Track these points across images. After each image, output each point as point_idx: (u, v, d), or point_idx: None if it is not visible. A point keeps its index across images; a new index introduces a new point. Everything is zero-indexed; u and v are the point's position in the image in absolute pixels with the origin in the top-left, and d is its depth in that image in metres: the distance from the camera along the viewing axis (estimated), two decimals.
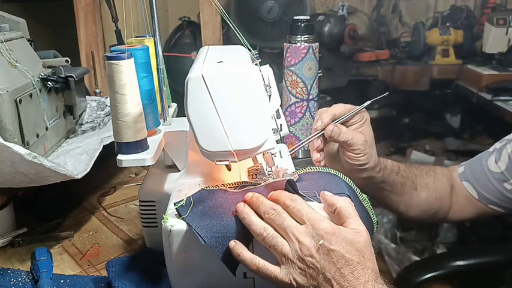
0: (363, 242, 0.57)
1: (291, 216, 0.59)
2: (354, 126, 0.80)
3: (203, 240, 0.60)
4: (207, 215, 0.63)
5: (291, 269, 0.57)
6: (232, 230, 0.61)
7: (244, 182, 0.70)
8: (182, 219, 0.63)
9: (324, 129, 0.77)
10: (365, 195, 0.71)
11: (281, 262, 0.58)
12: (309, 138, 0.79)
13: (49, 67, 1.01)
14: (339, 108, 0.80)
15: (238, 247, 0.60)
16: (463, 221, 1.03)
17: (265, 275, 0.59)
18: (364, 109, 0.81)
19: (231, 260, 0.60)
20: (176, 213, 0.65)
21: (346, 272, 0.55)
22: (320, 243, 0.56)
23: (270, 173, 0.70)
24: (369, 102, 0.81)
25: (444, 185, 0.95)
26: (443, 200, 0.94)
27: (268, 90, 0.69)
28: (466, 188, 0.93)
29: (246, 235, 0.61)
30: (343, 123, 0.78)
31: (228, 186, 0.69)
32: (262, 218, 0.61)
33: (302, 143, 0.80)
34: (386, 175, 0.85)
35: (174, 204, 0.65)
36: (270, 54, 2.18)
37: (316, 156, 0.78)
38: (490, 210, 0.92)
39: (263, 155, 0.67)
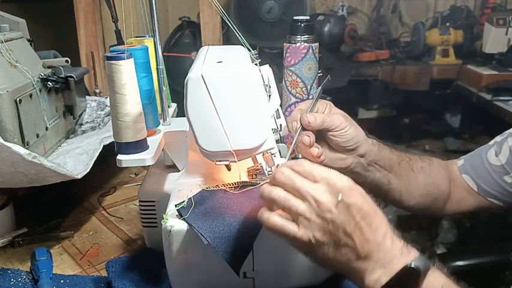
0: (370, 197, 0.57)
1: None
2: (325, 113, 0.77)
3: (206, 240, 0.60)
4: (209, 216, 0.63)
5: (309, 227, 0.55)
6: (234, 229, 0.61)
7: (244, 182, 0.70)
8: (183, 219, 0.63)
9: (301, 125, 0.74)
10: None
11: (299, 222, 0.56)
12: (295, 142, 0.75)
13: (49, 67, 1.01)
14: (302, 105, 0.78)
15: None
16: (462, 213, 1.02)
17: (284, 234, 0.56)
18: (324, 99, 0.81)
19: (234, 260, 0.60)
20: (177, 213, 0.65)
21: (365, 225, 0.54)
22: (339, 198, 0.54)
23: (270, 173, 0.70)
24: (324, 82, 0.81)
25: (440, 172, 0.94)
26: (440, 187, 0.93)
27: (268, 90, 0.69)
28: (466, 180, 0.93)
29: (250, 234, 0.61)
30: None
31: (228, 186, 0.69)
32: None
33: (292, 148, 0.75)
34: (382, 149, 0.83)
35: (175, 206, 0.65)
36: (270, 54, 2.18)
37: (314, 151, 0.73)
38: (489, 203, 0.92)
39: (263, 155, 0.67)
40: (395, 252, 0.54)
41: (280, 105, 0.83)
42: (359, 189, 0.56)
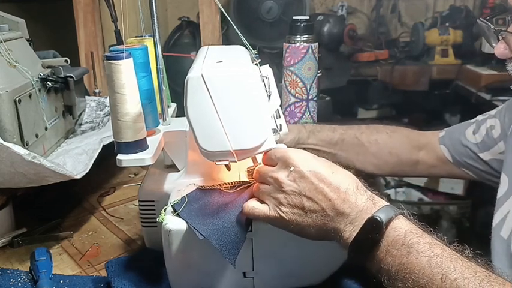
0: (324, 159, 0.61)
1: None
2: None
3: (201, 235, 0.60)
4: (203, 212, 0.64)
5: (276, 204, 0.59)
6: (228, 222, 0.62)
7: (242, 181, 0.70)
8: (177, 214, 0.63)
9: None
10: None
11: (268, 202, 0.61)
12: None
13: (48, 67, 1.01)
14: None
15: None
16: (433, 176, 1.24)
17: (257, 215, 0.61)
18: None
19: (230, 251, 0.61)
20: (172, 210, 0.65)
21: (324, 186, 0.57)
22: (291, 169, 0.59)
23: None
24: None
25: (402, 141, 1.03)
26: (400, 155, 1.03)
27: (267, 90, 0.69)
28: (443, 151, 1.01)
29: (243, 224, 0.62)
30: None
31: (224, 186, 0.70)
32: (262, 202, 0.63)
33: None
34: (321, 136, 0.99)
35: (171, 203, 0.66)
36: (270, 54, 2.18)
37: None
38: (463, 173, 0.99)
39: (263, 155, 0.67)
40: (361, 206, 0.56)
41: (280, 105, 0.83)
42: (312, 157, 0.60)
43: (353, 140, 1.01)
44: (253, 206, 0.62)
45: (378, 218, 0.53)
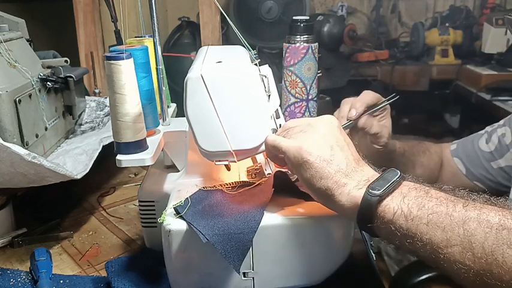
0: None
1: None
2: (379, 117, 0.90)
3: (205, 238, 0.60)
4: (207, 214, 0.63)
5: (299, 134, 0.60)
6: (233, 227, 0.61)
7: (243, 181, 0.70)
8: (180, 217, 0.63)
9: (357, 119, 0.84)
10: None
11: (291, 134, 0.62)
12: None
13: (48, 67, 1.01)
14: (370, 97, 0.88)
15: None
16: None
17: (278, 147, 0.61)
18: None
19: (234, 258, 0.61)
20: (174, 212, 0.65)
21: (351, 148, 0.60)
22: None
23: (269, 174, 0.70)
24: (396, 97, 0.91)
25: (435, 163, 1.05)
26: (433, 176, 1.05)
27: (267, 90, 0.69)
28: (456, 163, 1.02)
29: (249, 230, 0.62)
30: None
31: (226, 186, 0.70)
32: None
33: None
34: (393, 156, 0.98)
35: (173, 205, 0.66)
36: (269, 54, 2.18)
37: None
38: (474, 186, 1.00)
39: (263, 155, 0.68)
40: (375, 171, 0.59)
41: (280, 105, 0.83)
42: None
43: (409, 164, 1.03)
44: (277, 136, 0.62)
45: (395, 169, 0.56)
